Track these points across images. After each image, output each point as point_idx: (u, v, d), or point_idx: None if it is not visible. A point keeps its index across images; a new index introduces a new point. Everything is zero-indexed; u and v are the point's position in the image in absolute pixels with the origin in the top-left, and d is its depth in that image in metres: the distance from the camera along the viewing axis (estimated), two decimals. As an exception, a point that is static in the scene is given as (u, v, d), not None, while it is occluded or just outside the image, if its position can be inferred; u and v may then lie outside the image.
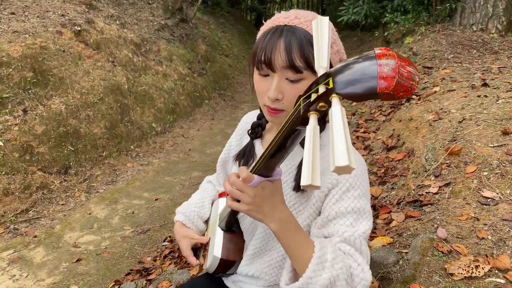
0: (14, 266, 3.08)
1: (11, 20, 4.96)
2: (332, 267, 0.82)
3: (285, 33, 0.89)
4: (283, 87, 0.91)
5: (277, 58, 0.88)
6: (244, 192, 0.85)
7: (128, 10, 7.72)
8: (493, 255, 1.63)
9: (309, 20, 0.90)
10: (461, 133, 2.64)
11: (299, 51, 0.87)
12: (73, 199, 4.12)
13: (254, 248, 1.13)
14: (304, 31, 0.89)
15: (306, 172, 0.55)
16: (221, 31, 11.75)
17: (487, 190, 2.05)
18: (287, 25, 0.90)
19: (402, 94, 0.54)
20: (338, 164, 0.48)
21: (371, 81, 0.54)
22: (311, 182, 0.54)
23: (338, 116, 0.53)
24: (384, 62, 0.54)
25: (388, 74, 0.53)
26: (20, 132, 4.04)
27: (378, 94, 0.53)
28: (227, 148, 1.34)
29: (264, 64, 0.91)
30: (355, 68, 0.57)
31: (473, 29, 5.52)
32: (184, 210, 1.31)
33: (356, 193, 0.93)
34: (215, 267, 1.15)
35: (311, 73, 0.89)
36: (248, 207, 0.86)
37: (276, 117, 0.96)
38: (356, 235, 0.89)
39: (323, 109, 0.60)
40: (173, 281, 2.40)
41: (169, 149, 5.82)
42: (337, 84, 0.57)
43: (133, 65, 6.33)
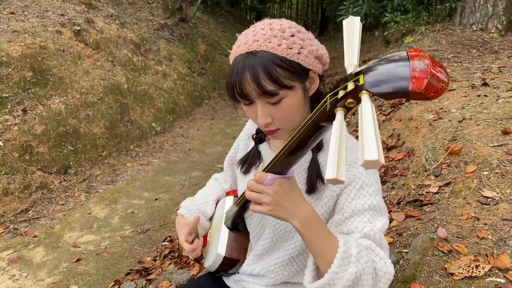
0: (14, 266, 3.07)
1: (11, 19, 4.96)
2: (357, 261, 0.81)
3: (247, 63, 0.88)
4: (269, 110, 0.92)
5: (249, 89, 0.88)
6: (263, 193, 0.86)
7: (128, 10, 7.71)
8: (494, 254, 1.63)
9: (267, 38, 0.89)
10: (461, 133, 2.64)
11: (267, 76, 0.86)
12: (72, 199, 4.11)
13: (261, 248, 1.13)
14: (265, 53, 0.87)
15: (332, 166, 0.56)
16: (220, 30, 11.74)
17: (487, 190, 2.05)
18: (247, 52, 0.89)
19: (432, 95, 0.55)
20: (367, 158, 0.49)
21: (403, 81, 0.56)
22: (337, 176, 0.55)
23: (369, 112, 0.55)
24: (416, 63, 0.56)
25: (420, 74, 0.55)
26: (19, 132, 4.04)
27: (410, 93, 0.55)
28: (235, 147, 1.34)
29: (240, 97, 0.92)
30: (387, 66, 0.58)
31: (473, 28, 5.52)
32: (187, 204, 1.32)
33: (371, 190, 0.93)
34: (217, 265, 1.15)
35: (287, 90, 0.89)
36: (269, 207, 0.86)
37: (276, 136, 0.98)
38: (376, 230, 0.89)
39: (351, 106, 0.62)
40: (173, 281, 2.40)
41: (169, 149, 5.82)
42: (368, 81, 0.59)
43: (133, 65, 6.33)
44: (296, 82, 0.90)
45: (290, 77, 0.88)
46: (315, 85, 0.97)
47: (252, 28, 0.94)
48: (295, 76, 0.89)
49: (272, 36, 0.89)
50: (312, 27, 18.49)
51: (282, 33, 0.89)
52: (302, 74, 0.91)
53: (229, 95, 0.93)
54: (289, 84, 0.88)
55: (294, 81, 0.89)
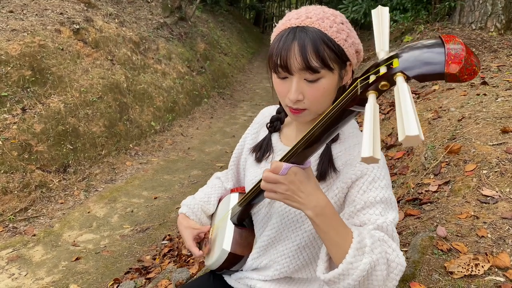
0: (13, 265, 3.07)
1: (10, 18, 4.95)
2: (371, 251, 0.81)
3: (298, 35, 0.89)
4: (303, 88, 0.93)
5: (293, 61, 0.89)
6: (278, 183, 0.85)
7: (127, 9, 7.70)
8: (493, 253, 1.63)
9: (321, 18, 0.91)
10: (460, 132, 2.64)
11: (314, 52, 0.88)
12: (72, 198, 4.11)
13: (267, 239, 1.12)
14: (317, 31, 0.90)
15: (368, 145, 0.57)
16: (220, 29, 11.73)
17: (486, 189, 2.05)
18: (299, 26, 0.91)
19: (466, 77, 0.57)
20: (408, 134, 0.50)
21: (439, 63, 0.58)
22: (373, 154, 0.56)
23: (406, 91, 0.56)
24: (452, 46, 0.58)
25: (456, 57, 0.57)
26: (19, 130, 4.03)
27: (445, 74, 0.57)
28: (242, 143, 1.34)
29: (280, 68, 0.92)
30: (422, 50, 0.60)
31: (472, 27, 5.52)
32: (189, 202, 1.32)
33: (383, 184, 0.94)
34: (222, 261, 1.15)
35: (328, 71, 0.91)
36: (284, 196, 0.86)
37: (299, 116, 0.99)
38: (388, 222, 0.90)
39: (384, 88, 0.64)
40: (173, 279, 2.40)
41: (168, 147, 5.81)
42: (404, 64, 0.61)
43: (132, 64, 6.32)
44: (337, 66, 0.92)
45: (334, 59, 0.91)
46: (348, 77, 0.98)
47: (304, 8, 0.97)
48: (338, 59, 0.92)
49: (325, 17, 0.92)
50: (311, 26, 18.49)
51: (334, 17, 0.93)
52: (342, 61, 0.93)
53: (269, 63, 0.95)
54: (332, 65, 0.91)
55: (336, 64, 0.92)
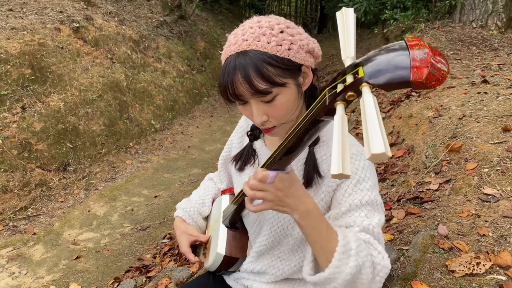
0: (13, 264, 3.07)
1: (9, 16, 4.93)
2: (357, 255, 0.82)
3: (238, 62, 0.87)
4: (264, 109, 0.92)
5: (242, 90, 0.88)
6: (266, 191, 0.85)
7: (127, 7, 7.68)
8: (494, 252, 1.63)
9: (256, 37, 0.88)
10: (461, 130, 2.64)
11: (258, 75, 0.85)
12: (72, 196, 4.11)
13: (260, 246, 1.12)
14: (255, 52, 0.86)
15: (337, 161, 0.55)
16: (220, 28, 11.71)
17: (487, 187, 2.05)
18: (238, 52, 0.88)
19: (434, 83, 0.55)
20: (374, 152, 0.48)
21: (403, 71, 0.55)
22: (342, 171, 0.54)
23: (371, 104, 0.54)
24: (416, 52, 0.55)
25: (420, 64, 0.54)
26: (18, 129, 4.03)
27: (411, 83, 0.55)
28: (228, 147, 1.33)
29: (234, 98, 0.91)
30: (386, 57, 0.58)
31: (473, 26, 5.51)
32: (184, 206, 1.32)
33: (368, 185, 0.94)
34: (218, 264, 1.15)
35: (280, 87, 0.88)
36: (272, 203, 0.86)
37: (273, 133, 0.98)
38: (374, 224, 0.90)
39: (351, 99, 0.61)
40: (173, 278, 2.39)
41: (168, 146, 5.81)
42: (368, 73, 0.58)
43: (132, 62, 6.31)
44: (288, 79, 0.89)
45: (282, 74, 0.87)
46: (309, 79, 0.96)
47: (241, 27, 0.93)
48: (287, 72, 0.88)
49: (261, 34, 0.88)
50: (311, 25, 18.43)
51: (271, 30, 0.88)
52: (294, 70, 0.90)
53: (222, 96, 0.93)
54: (282, 81, 0.88)
55: (286, 78, 0.88)
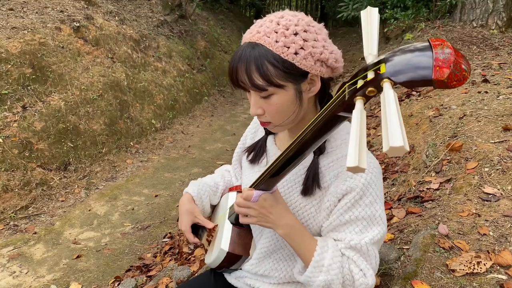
0: (14, 263, 3.07)
1: (10, 16, 4.94)
2: (327, 272, 0.91)
3: (245, 53, 0.88)
4: (260, 103, 0.93)
5: (243, 79, 0.90)
6: (250, 208, 0.95)
7: (127, 6, 7.68)
8: (495, 251, 1.63)
9: (268, 32, 0.88)
10: (461, 129, 2.64)
11: (257, 71, 0.86)
12: (72, 196, 4.11)
13: (262, 247, 1.13)
14: (262, 48, 0.87)
15: (353, 154, 0.55)
16: (220, 27, 11.71)
17: (488, 186, 2.05)
18: (249, 42, 0.89)
19: (455, 83, 0.55)
20: (393, 145, 0.48)
21: (426, 69, 0.56)
22: (358, 163, 0.54)
23: (392, 99, 0.54)
24: (439, 51, 0.56)
25: (443, 63, 0.55)
26: (19, 128, 4.03)
27: (433, 81, 0.55)
28: (243, 141, 1.34)
29: (236, 86, 0.93)
30: (410, 55, 0.58)
31: (473, 25, 5.51)
32: (198, 185, 1.31)
33: (368, 200, 0.93)
34: (220, 260, 1.15)
35: (277, 88, 0.89)
36: (256, 219, 0.96)
37: (269, 129, 1.01)
38: (363, 242, 0.93)
39: (371, 94, 0.62)
40: (174, 277, 2.40)
41: (168, 145, 5.81)
42: (390, 69, 0.59)
43: (132, 62, 6.31)
44: (287, 82, 0.88)
45: (281, 76, 0.87)
46: (316, 88, 0.94)
47: (266, 17, 0.94)
48: (287, 76, 0.87)
49: (274, 31, 0.87)
50: (312, 24, 18.45)
51: (285, 29, 0.87)
52: (296, 75, 0.89)
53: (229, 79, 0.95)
54: (279, 83, 0.87)
55: (285, 80, 0.88)
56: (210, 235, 1.25)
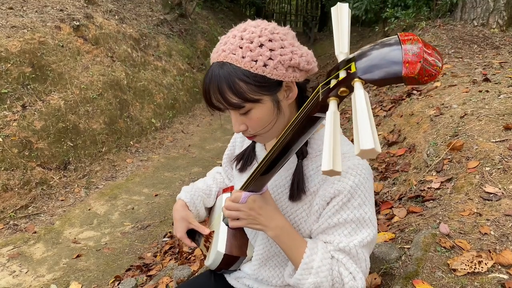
0: (14, 262, 3.07)
1: (9, 15, 4.93)
2: (317, 274, 0.91)
3: (214, 74, 0.87)
4: (241, 119, 0.93)
5: (217, 101, 0.89)
6: (240, 210, 0.94)
7: (127, 5, 7.67)
8: (496, 250, 1.62)
9: (234, 49, 0.86)
10: (462, 128, 2.63)
11: (229, 90, 0.85)
12: (72, 195, 4.10)
13: (257, 254, 1.13)
14: (229, 66, 0.85)
15: (327, 158, 0.54)
16: (220, 26, 11.70)
17: (489, 186, 2.04)
18: (217, 62, 0.88)
19: (426, 79, 0.54)
20: (363, 148, 0.47)
21: (395, 66, 0.54)
22: (333, 167, 0.53)
23: (362, 99, 0.53)
24: (408, 47, 0.55)
25: (412, 58, 0.53)
26: (19, 127, 4.02)
27: (403, 78, 0.54)
28: (232, 145, 1.33)
29: (213, 108, 0.93)
30: (379, 52, 0.57)
31: (474, 24, 5.50)
32: (191, 190, 1.30)
33: (356, 203, 0.92)
34: (218, 263, 1.14)
35: (253, 103, 0.87)
36: (247, 221, 0.95)
37: (257, 141, 1.00)
38: (352, 245, 0.92)
39: (344, 95, 0.60)
40: (174, 276, 2.39)
41: (168, 144, 5.80)
42: (360, 68, 0.57)
43: (132, 61, 6.30)
44: (262, 95, 0.87)
45: (254, 90, 0.85)
46: (293, 94, 0.93)
47: (228, 34, 0.91)
48: (261, 89, 0.86)
49: (238, 46, 0.85)
50: (312, 23, 18.39)
51: (249, 43, 0.85)
52: (270, 86, 0.87)
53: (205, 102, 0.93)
54: (254, 98, 0.86)
55: (259, 94, 0.86)
56: (207, 241, 1.24)
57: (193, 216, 1.26)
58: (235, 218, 0.96)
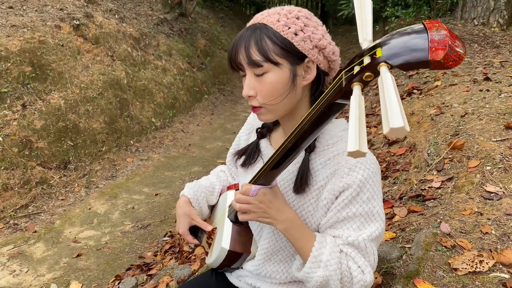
0: (14, 262, 3.07)
1: (9, 14, 4.92)
2: (326, 267, 0.91)
3: (245, 33, 0.92)
4: (254, 84, 0.93)
5: (240, 57, 0.92)
6: (250, 203, 0.94)
7: (127, 5, 7.66)
8: (497, 250, 1.62)
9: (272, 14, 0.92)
10: (463, 128, 2.63)
11: (255, 46, 0.89)
12: (72, 194, 4.10)
13: (262, 249, 1.12)
14: (262, 26, 0.90)
15: (354, 138, 0.55)
16: (220, 25, 11.69)
17: (490, 185, 2.04)
18: (252, 24, 0.93)
19: (451, 64, 0.56)
20: (393, 126, 0.49)
21: (421, 51, 0.57)
22: (359, 148, 0.54)
23: (390, 81, 0.55)
24: (434, 33, 0.57)
25: (439, 43, 0.56)
26: (19, 127, 4.02)
27: (429, 62, 0.56)
28: (236, 142, 1.33)
29: (234, 65, 0.95)
30: (405, 38, 0.59)
31: (475, 23, 5.49)
32: (194, 187, 1.30)
33: (365, 197, 0.93)
34: (221, 259, 1.14)
35: (272, 65, 0.90)
36: (257, 214, 0.95)
37: (259, 115, 0.98)
38: (360, 239, 0.93)
39: (369, 79, 0.62)
40: (174, 276, 2.39)
41: (169, 144, 5.80)
42: (387, 53, 0.59)
43: (132, 60, 6.30)
44: (283, 60, 0.90)
45: (278, 53, 0.89)
46: (311, 76, 0.94)
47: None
48: (285, 53, 0.89)
49: (277, 13, 0.92)
50: (312, 22, 18.44)
51: (287, 13, 0.92)
52: (293, 55, 0.91)
53: (228, 63, 0.97)
54: (275, 59, 0.89)
55: (281, 58, 0.90)
56: (210, 238, 1.24)
57: (196, 213, 1.26)
58: (245, 211, 0.95)
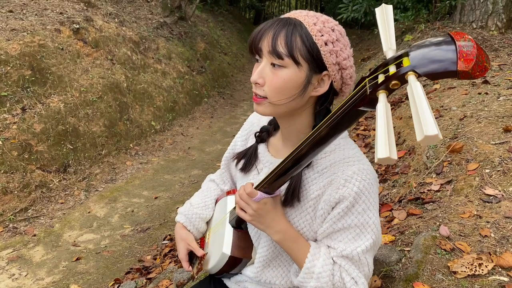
0: (14, 265, 3.06)
1: (9, 18, 4.93)
2: (318, 279, 0.94)
3: (278, 23, 0.91)
4: (266, 72, 0.92)
5: (264, 42, 0.90)
6: (249, 205, 0.97)
7: (127, 8, 7.68)
8: (496, 252, 1.62)
9: (310, 16, 0.91)
10: (462, 131, 2.63)
11: (284, 38, 0.88)
12: (72, 198, 4.10)
13: (261, 256, 1.12)
14: (297, 22, 0.89)
15: (384, 144, 0.56)
16: (220, 29, 11.72)
17: (489, 188, 2.04)
18: (287, 18, 0.92)
19: (478, 74, 0.58)
20: (427, 134, 0.50)
21: (450, 61, 0.58)
22: (389, 154, 0.55)
23: (420, 90, 0.56)
24: (463, 43, 0.59)
25: (468, 54, 0.57)
26: (18, 130, 4.02)
27: (458, 72, 0.57)
28: (232, 147, 1.32)
29: (253, 47, 0.93)
30: (433, 48, 0.61)
31: (473, 26, 5.50)
32: (185, 210, 1.30)
33: (361, 208, 0.93)
34: (222, 265, 1.14)
35: (293, 63, 0.89)
36: (251, 217, 0.98)
37: (258, 105, 0.96)
38: (355, 253, 0.94)
39: (395, 87, 0.64)
40: (174, 279, 2.39)
41: (168, 147, 5.80)
42: (414, 62, 0.61)
43: (132, 63, 6.31)
44: (305, 63, 0.89)
45: (303, 54, 0.88)
46: (322, 89, 0.94)
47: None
48: (309, 57, 0.89)
49: (315, 17, 0.91)
50: (311, 25, 18.48)
51: (325, 21, 0.91)
52: (315, 63, 0.90)
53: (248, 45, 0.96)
54: (298, 58, 0.88)
55: (304, 60, 0.89)
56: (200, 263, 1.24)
57: (192, 237, 1.26)
58: (243, 209, 0.99)
